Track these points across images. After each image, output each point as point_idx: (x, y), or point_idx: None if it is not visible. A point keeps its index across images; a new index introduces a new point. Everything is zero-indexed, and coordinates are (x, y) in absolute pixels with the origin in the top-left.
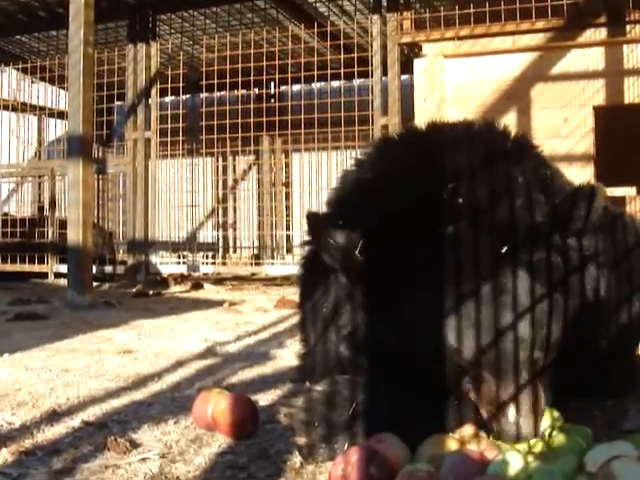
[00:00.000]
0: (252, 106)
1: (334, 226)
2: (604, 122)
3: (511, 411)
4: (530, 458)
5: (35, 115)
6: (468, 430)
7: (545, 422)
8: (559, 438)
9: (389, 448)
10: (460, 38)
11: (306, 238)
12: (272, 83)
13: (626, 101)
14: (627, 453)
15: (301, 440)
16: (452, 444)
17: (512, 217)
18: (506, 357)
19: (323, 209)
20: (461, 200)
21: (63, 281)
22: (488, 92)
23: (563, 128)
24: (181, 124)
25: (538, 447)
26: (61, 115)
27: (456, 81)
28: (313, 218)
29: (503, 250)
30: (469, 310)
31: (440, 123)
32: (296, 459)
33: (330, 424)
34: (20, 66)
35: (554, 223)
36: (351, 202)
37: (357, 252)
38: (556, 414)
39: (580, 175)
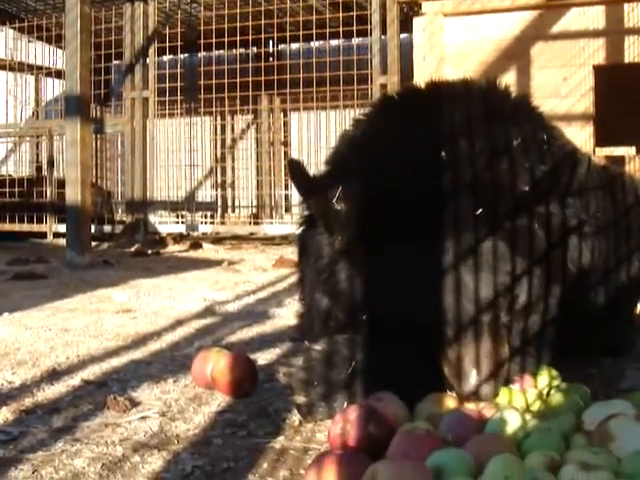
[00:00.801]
0: (250, 65)
1: (318, 177)
2: (604, 81)
3: (469, 372)
4: (528, 416)
5: (32, 75)
6: None
7: (543, 381)
8: (557, 397)
9: (387, 406)
10: None
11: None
12: (270, 42)
13: (626, 60)
14: (625, 412)
15: (300, 399)
16: (450, 402)
17: (493, 179)
18: (466, 319)
19: (321, 168)
20: (445, 157)
21: (62, 241)
22: (488, 51)
23: (563, 87)
24: (179, 83)
25: (536, 405)
26: (58, 74)
27: (456, 40)
28: (294, 166)
29: (478, 212)
30: (439, 269)
31: (439, 82)
32: (295, 417)
33: (329, 383)
34: (17, 25)
35: (537, 188)
36: (346, 159)
37: (335, 201)
38: (554, 373)
39: (579, 134)
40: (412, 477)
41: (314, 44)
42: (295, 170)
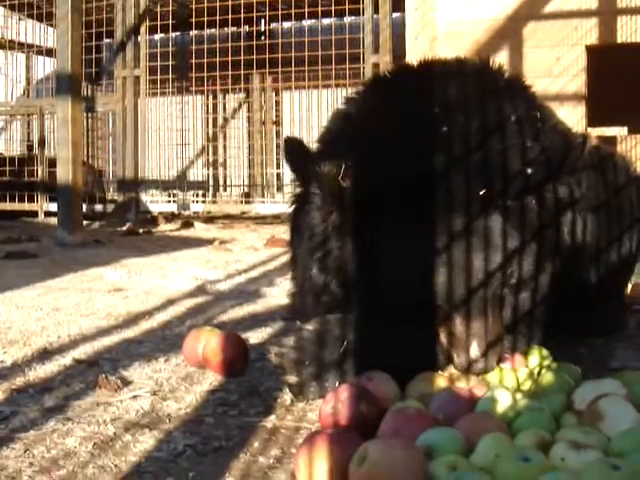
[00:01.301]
0: (242, 44)
1: (320, 155)
2: (596, 61)
3: (464, 346)
4: (519, 396)
5: (23, 53)
6: None
7: (534, 360)
8: (548, 376)
9: (379, 386)
10: None
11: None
12: (262, 20)
13: (619, 40)
14: (615, 391)
15: (292, 379)
16: (441, 382)
17: (488, 156)
18: (463, 294)
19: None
20: (440, 134)
21: (53, 220)
22: (480, 31)
23: (555, 67)
24: (171, 62)
25: (527, 385)
26: (50, 53)
27: (448, 19)
28: (291, 143)
29: (479, 192)
30: (437, 246)
31: (433, 60)
32: (286, 396)
33: (321, 362)
34: (7, 3)
35: (531, 165)
36: (339, 136)
37: (341, 178)
38: (545, 352)
39: (571, 114)
40: (403, 456)
41: (306, 23)
42: (291, 148)
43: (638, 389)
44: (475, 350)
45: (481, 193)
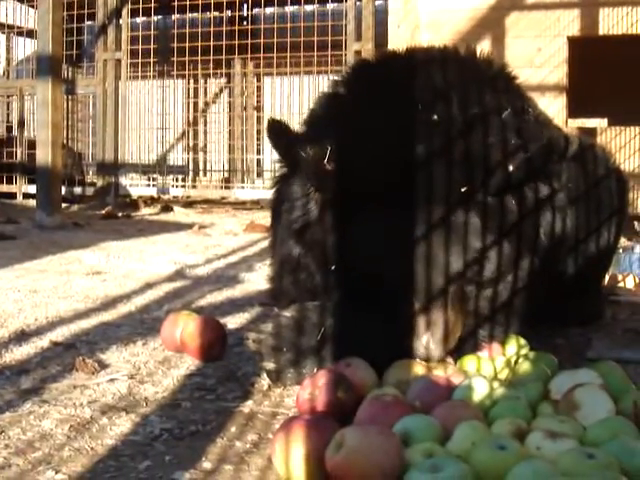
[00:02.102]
0: (224, 29)
1: (304, 137)
2: (578, 53)
3: (422, 333)
4: (496, 384)
5: (3, 34)
6: None
7: (511, 349)
8: (525, 365)
9: (356, 372)
10: None
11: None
12: (245, 5)
13: (600, 32)
14: (591, 381)
15: (269, 365)
16: (419, 369)
17: (470, 146)
18: (423, 284)
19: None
20: (424, 121)
21: (32, 202)
22: (463, 20)
23: (537, 58)
24: (152, 45)
25: (504, 373)
26: (30, 34)
27: (431, 8)
28: (274, 125)
29: (458, 182)
30: (406, 235)
31: (419, 48)
32: (264, 382)
33: (298, 349)
34: None
35: (512, 156)
36: (324, 118)
37: (326, 161)
38: (522, 342)
39: (552, 105)
40: (379, 442)
41: (288, 9)
42: (275, 129)
43: (613, 379)
44: (425, 339)
45: (460, 185)
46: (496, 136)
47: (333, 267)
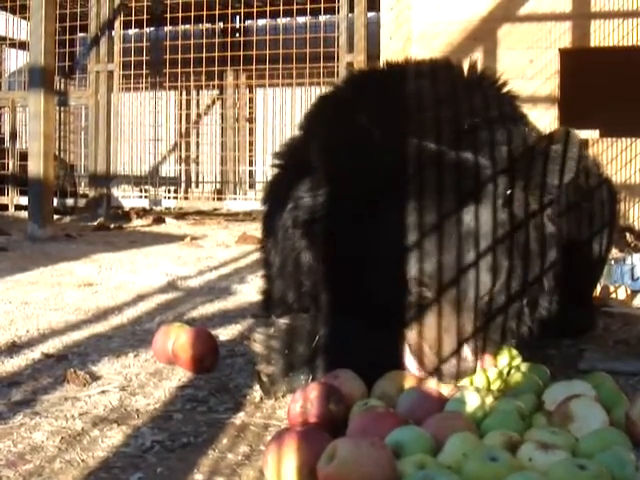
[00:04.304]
0: (217, 40)
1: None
2: (569, 65)
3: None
4: (488, 396)
5: None
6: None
7: (504, 361)
8: (517, 376)
9: (344, 384)
10: None
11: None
12: (237, 17)
13: (592, 44)
14: (584, 393)
15: (263, 373)
16: (409, 381)
17: (461, 155)
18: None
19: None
20: (421, 129)
21: (23, 213)
22: (455, 32)
23: (528, 69)
24: (145, 57)
25: (496, 385)
26: (22, 46)
27: (423, 20)
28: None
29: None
30: (402, 245)
31: (416, 59)
32: (256, 393)
33: (291, 360)
34: None
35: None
36: (321, 121)
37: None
38: (514, 353)
39: (544, 117)
40: (371, 454)
41: (281, 21)
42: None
43: (605, 391)
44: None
45: (449, 191)
46: (489, 145)
47: (333, 274)
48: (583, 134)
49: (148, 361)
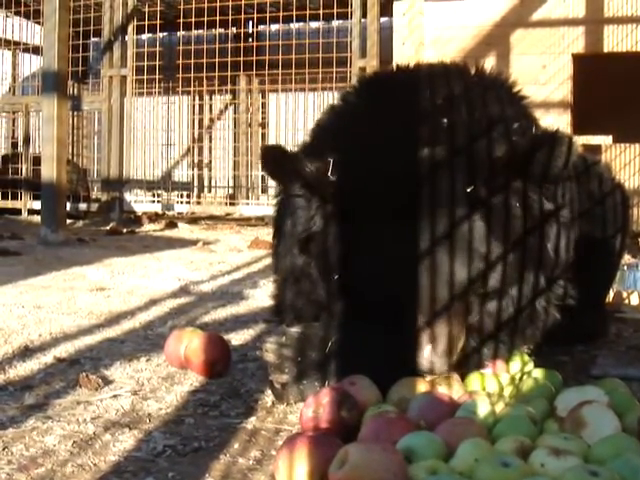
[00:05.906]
0: (229, 45)
1: (303, 154)
2: (582, 70)
3: (427, 347)
4: (500, 402)
5: (9, 50)
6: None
7: (516, 366)
8: (529, 382)
9: (359, 390)
10: None
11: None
12: (250, 22)
13: (605, 50)
14: (597, 399)
15: (276, 382)
16: (422, 386)
17: (475, 156)
18: (425, 296)
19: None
20: (429, 134)
21: (36, 218)
22: (468, 37)
23: (541, 75)
24: (158, 62)
25: (508, 391)
26: (36, 50)
27: (436, 25)
28: (268, 152)
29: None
30: (411, 248)
31: (425, 64)
32: (267, 398)
33: (303, 366)
34: None
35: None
36: (330, 130)
37: (329, 173)
38: (527, 358)
39: (557, 122)
40: (383, 459)
41: (294, 26)
42: (270, 157)
43: (617, 397)
44: (427, 352)
45: (460, 194)
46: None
47: (336, 280)
48: (596, 140)
49: (160, 365)
